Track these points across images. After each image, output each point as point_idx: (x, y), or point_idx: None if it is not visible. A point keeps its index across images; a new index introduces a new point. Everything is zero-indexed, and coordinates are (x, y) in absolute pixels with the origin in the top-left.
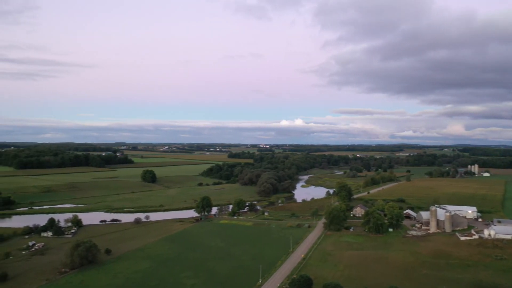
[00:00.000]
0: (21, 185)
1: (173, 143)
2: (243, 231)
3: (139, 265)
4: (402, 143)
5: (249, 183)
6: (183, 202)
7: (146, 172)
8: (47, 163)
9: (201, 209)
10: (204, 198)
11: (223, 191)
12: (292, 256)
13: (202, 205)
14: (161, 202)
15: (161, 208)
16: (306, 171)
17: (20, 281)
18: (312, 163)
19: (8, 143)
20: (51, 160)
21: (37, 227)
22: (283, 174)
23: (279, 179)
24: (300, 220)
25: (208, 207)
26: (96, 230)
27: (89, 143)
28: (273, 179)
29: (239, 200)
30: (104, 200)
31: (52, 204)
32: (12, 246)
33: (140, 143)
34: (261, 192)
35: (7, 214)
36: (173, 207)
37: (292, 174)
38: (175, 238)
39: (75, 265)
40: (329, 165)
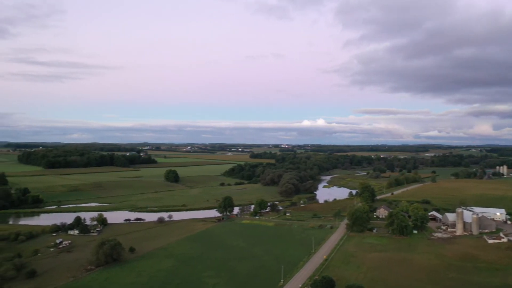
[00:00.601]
0: (49, 184)
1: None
2: (264, 231)
3: (163, 264)
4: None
5: (271, 183)
6: (205, 201)
7: (169, 172)
8: (74, 163)
9: (223, 209)
10: (226, 198)
11: (245, 191)
12: (314, 257)
13: (224, 205)
14: (183, 201)
15: (184, 207)
16: (328, 171)
17: (48, 277)
18: (334, 163)
19: (37, 143)
20: (77, 160)
21: (64, 225)
22: (305, 174)
23: (301, 179)
24: (322, 221)
25: (230, 207)
26: (121, 229)
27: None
28: (295, 180)
29: (260, 200)
30: (129, 199)
31: (78, 203)
32: (40, 243)
33: (163, 143)
34: (283, 193)
35: (36, 212)
36: (195, 207)
37: (314, 174)
38: (197, 237)
39: (100, 263)
40: (351, 165)
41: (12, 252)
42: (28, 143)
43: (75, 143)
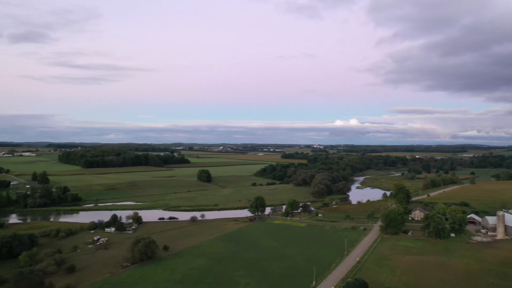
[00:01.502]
0: (87, 183)
1: (227, 144)
2: (296, 231)
3: (195, 262)
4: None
5: (303, 183)
6: (237, 201)
7: (202, 172)
8: (110, 163)
9: (255, 209)
10: (258, 198)
11: (276, 192)
12: (347, 259)
13: (256, 205)
14: (216, 201)
15: (216, 207)
16: (362, 172)
17: (86, 273)
18: (367, 164)
19: (76, 143)
20: (114, 159)
21: (101, 223)
22: (338, 175)
23: (333, 180)
24: (355, 222)
25: (262, 207)
26: (155, 227)
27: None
28: (327, 180)
29: (292, 201)
30: (162, 199)
31: (114, 201)
32: (79, 240)
33: (195, 144)
34: (315, 193)
35: (75, 210)
36: (227, 207)
37: (346, 175)
38: (229, 237)
39: (135, 260)
40: (385, 166)
41: (53, 248)
42: (67, 143)
43: (111, 143)
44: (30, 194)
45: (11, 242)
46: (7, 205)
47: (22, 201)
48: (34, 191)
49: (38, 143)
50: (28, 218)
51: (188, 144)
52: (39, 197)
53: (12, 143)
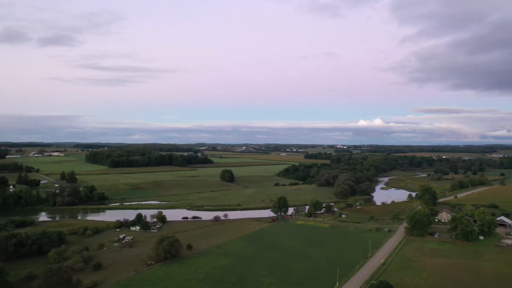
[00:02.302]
0: (113, 182)
1: (250, 144)
2: (319, 232)
3: (219, 261)
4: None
5: (326, 184)
6: (260, 201)
7: (225, 172)
8: (136, 162)
9: (277, 209)
10: (281, 198)
11: (299, 192)
12: (371, 260)
13: (278, 205)
14: (239, 201)
15: (239, 207)
16: (386, 172)
17: (112, 270)
18: (392, 164)
19: (102, 143)
20: (139, 159)
21: (127, 222)
22: (362, 175)
23: (357, 180)
24: (380, 223)
25: (285, 207)
26: (179, 226)
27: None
28: (350, 181)
29: (315, 201)
30: (186, 198)
31: (139, 201)
32: (105, 238)
33: (219, 144)
34: (338, 194)
35: (101, 209)
36: (250, 207)
37: (371, 175)
38: (252, 237)
39: (160, 259)
40: (411, 166)
41: (81, 246)
42: (94, 144)
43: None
44: (58, 193)
45: (41, 239)
46: (37, 203)
47: (51, 200)
48: (63, 190)
49: (66, 143)
50: (56, 216)
51: (212, 144)
52: (67, 196)
53: (42, 143)
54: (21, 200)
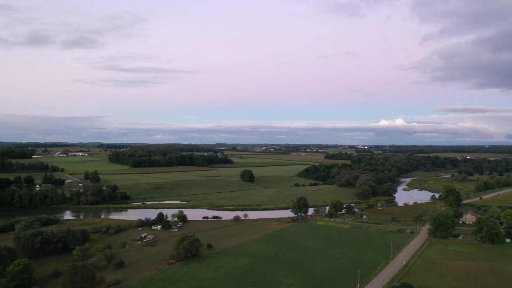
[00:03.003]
0: (135, 182)
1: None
2: (340, 233)
3: (238, 261)
4: None
5: (347, 184)
6: (280, 202)
7: (245, 172)
8: (157, 162)
9: (297, 209)
10: (301, 199)
11: (319, 192)
12: (393, 262)
13: (298, 206)
14: (258, 201)
15: (259, 207)
16: (408, 173)
17: (134, 268)
18: (415, 165)
19: (124, 144)
20: (160, 159)
21: (148, 221)
22: (383, 176)
23: (378, 181)
24: (402, 225)
25: (305, 208)
26: (199, 226)
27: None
28: (372, 181)
29: (336, 202)
30: (206, 198)
31: (160, 200)
32: (127, 236)
33: (239, 144)
34: (359, 194)
35: (123, 208)
36: (270, 207)
37: (392, 176)
38: (272, 237)
39: (180, 257)
40: (434, 167)
41: (104, 244)
42: (117, 144)
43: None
44: (82, 192)
45: (66, 237)
46: (62, 202)
47: (75, 199)
48: (86, 189)
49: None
50: (80, 214)
51: (231, 144)
52: (90, 195)
53: (67, 143)
54: (47, 199)
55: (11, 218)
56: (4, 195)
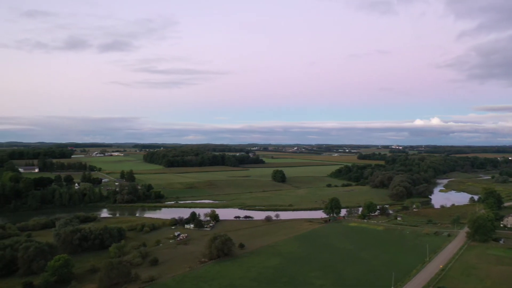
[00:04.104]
0: (169, 181)
1: (301, 144)
2: (373, 235)
3: (270, 261)
4: None
5: (380, 185)
6: (312, 202)
7: (276, 172)
8: (190, 162)
9: (329, 210)
10: (333, 199)
11: (352, 193)
12: (429, 265)
13: (331, 206)
14: (290, 201)
15: (291, 207)
16: (445, 174)
17: (168, 266)
18: (452, 166)
19: (158, 144)
20: (193, 159)
21: (181, 220)
22: (418, 177)
23: (413, 182)
24: (438, 227)
25: (337, 209)
26: (231, 225)
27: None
28: (406, 182)
29: (369, 203)
30: (238, 198)
31: (193, 199)
32: (161, 235)
33: (270, 144)
34: (393, 196)
35: (158, 207)
36: (302, 207)
37: (428, 177)
38: (304, 237)
39: (212, 256)
40: (473, 168)
41: (139, 241)
42: (151, 144)
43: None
44: (118, 191)
45: (103, 234)
46: (99, 200)
47: (111, 197)
48: (122, 188)
49: (125, 144)
50: (117, 213)
51: (263, 144)
52: (126, 194)
53: (103, 143)
54: (85, 197)
55: (52, 215)
56: (46, 193)
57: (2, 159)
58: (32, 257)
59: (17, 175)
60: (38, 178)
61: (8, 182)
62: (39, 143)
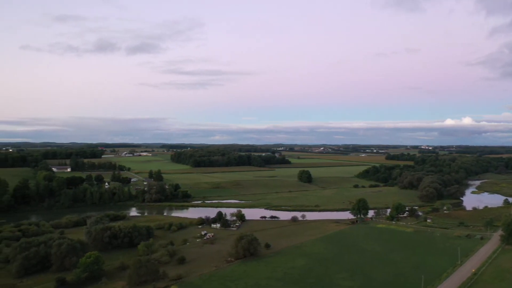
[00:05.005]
0: (196, 181)
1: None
2: (402, 237)
3: (296, 261)
4: None
5: (409, 186)
6: (339, 203)
7: (303, 172)
8: (216, 162)
9: (357, 211)
10: (360, 200)
11: (380, 194)
12: (460, 269)
13: (358, 207)
14: (316, 202)
15: (317, 208)
16: (478, 175)
17: (195, 265)
18: (485, 166)
19: (186, 144)
20: (219, 159)
21: (208, 219)
22: (449, 178)
23: (444, 183)
24: (470, 230)
25: (365, 210)
26: (257, 225)
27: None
28: (437, 183)
29: (398, 204)
30: (264, 198)
31: (220, 199)
32: (188, 234)
33: (296, 144)
34: (423, 197)
35: (185, 206)
36: (328, 208)
37: (460, 178)
38: (330, 238)
39: (239, 256)
40: (507, 169)
41: (166, 240)
42: (178, 144)
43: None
44: (147, 190)
45: (132, 232)
46: (128, 199)
47: (140, 196)
48: (150, 187)
49: (153, 144)
50: (145, 211)
51: (289, 145)
52: (154, 193)
53: (132, 144)
54: (115, 196)
55: (83, 214)
56: (78, 192)
57: (37, 159)
58: (65, 254)
59: (51, 175)
60: (70, 178)
61: (42, 181)
62: (71, 143)
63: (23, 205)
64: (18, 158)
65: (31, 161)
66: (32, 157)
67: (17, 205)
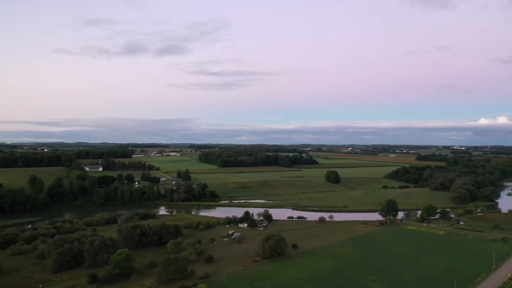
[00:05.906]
0: (223, 181)
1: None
2: (433, 239)
3: (324, 262)
4: None
5: (441, 188)
6: (367, 204)
7: (330, 173)
8: (243, 162)
9: (386, 212)
10: (390, 201)
11: (410, 195)
12: (495, 273)
13: (387, 209)
14: (344, 202)
15: (345, 208)
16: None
17: (222, 263)
18: None
19: (213, 144)
20: (246, 159)
21: (235, 219)
22: (483, 179)
23: (477, 185)
24: (506, 233)
25: (394, 211)
26: (284, 225)
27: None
28: (470, 185)
29: (429, 206)
30: (291, 198)
31: (247, 199)
32: (216, 233)
33: (323, 145)
34: (455, 199)
35: (212, 205)
36: (356, 209)
37: (495, 180)
38: (359, 239)
39: (266, 256)
40: None
41: (194, 239)
42: (206, 145)
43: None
44: (175, 189)
45: (161, 231)
46: (157, 198)
47: (169, 196)
48: (179, 187)
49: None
50: (173, 210)
51: (316, 145)
52: (182, 192)
53: (161, 144)
54: (144, 195)
55: (114, 212)
56: (109, 191)
57: (70, 159)
58: (97, 251)
59: (83, 174)
60: (102, 177)
61: (75, 180)
62: (102, 143)
63: (57, 203)
64: (53, 158)
65: (65, 160)
66: (66, 156)
67: (52, 203)
